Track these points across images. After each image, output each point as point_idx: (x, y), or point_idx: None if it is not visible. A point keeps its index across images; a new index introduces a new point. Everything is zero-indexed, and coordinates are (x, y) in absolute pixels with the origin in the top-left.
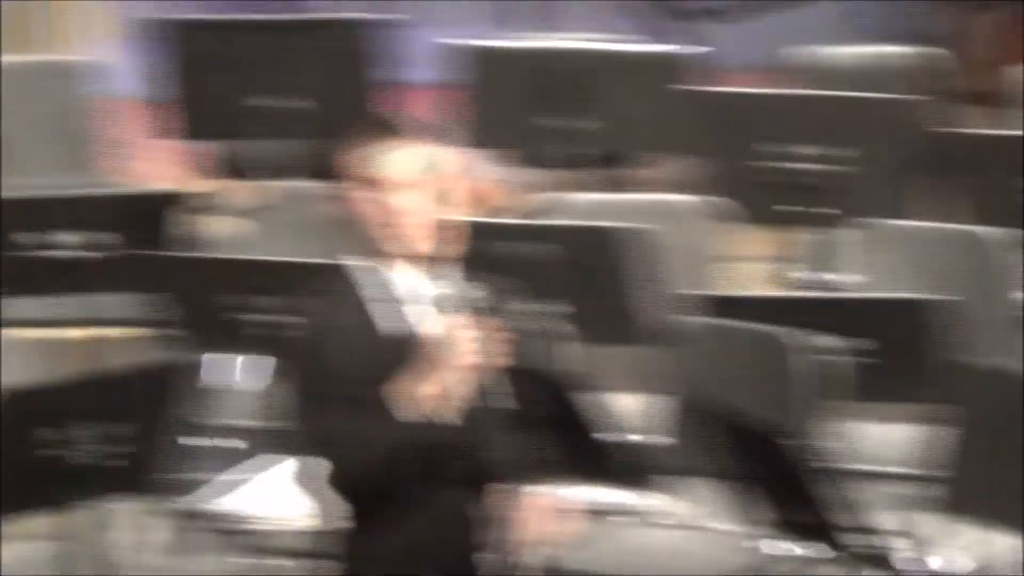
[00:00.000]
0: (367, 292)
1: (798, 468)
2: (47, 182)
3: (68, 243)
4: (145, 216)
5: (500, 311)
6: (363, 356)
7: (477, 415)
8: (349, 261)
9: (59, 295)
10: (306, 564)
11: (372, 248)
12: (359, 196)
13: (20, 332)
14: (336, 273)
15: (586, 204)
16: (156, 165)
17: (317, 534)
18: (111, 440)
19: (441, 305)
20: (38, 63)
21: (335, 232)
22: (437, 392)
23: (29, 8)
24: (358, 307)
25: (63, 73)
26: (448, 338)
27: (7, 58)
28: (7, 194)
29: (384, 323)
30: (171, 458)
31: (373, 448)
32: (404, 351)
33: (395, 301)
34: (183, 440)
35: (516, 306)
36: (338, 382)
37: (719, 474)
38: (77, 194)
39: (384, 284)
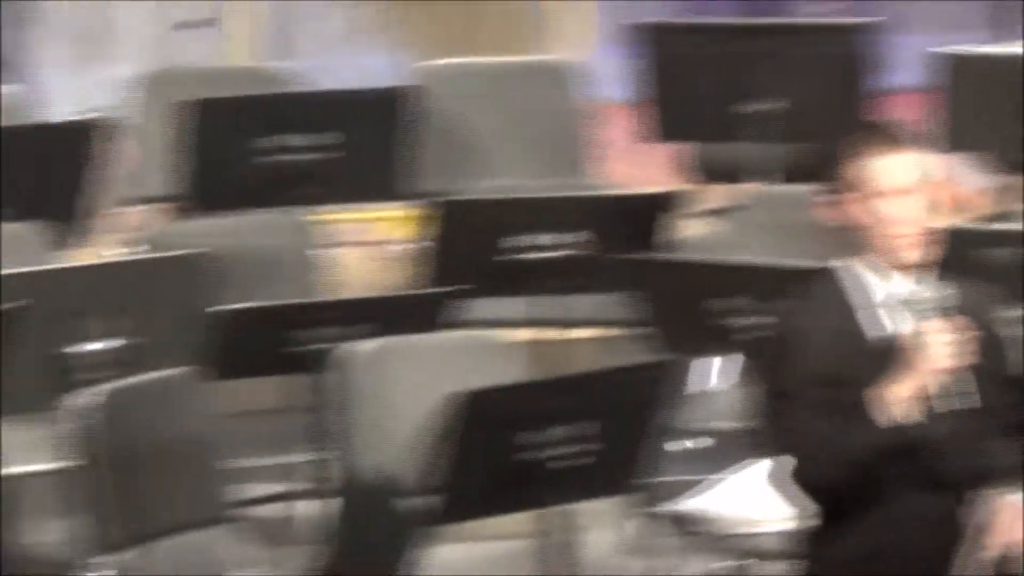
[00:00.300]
0: (849, 295)
1: None
2: (531, 184)
3: (551, 244)
4: (628, 218)
5: (972, 314)
6: (844, 359)
7: (947, 417)
8: (831, 264)
9: (541, 295)
10: (780, 566)
11: (853, 252)
12: (848, 202)
13: (502, 333)
14: (820, 276)
15: None
16: (636, 167)
17: (790, 535)
18: (587, 440)
19: (919, 309)
20: (527, 64)
21: (810, 235)
22: (912, 394)
23: (518, 9)
24: (842, 310)
25: (551, 75)
26: (925, 341)
27: (500, 60)
28: (494, 196)
29: (865, 326)
30: (647, 459)
31: (848, 450)
32: (884, 354)
33: (874, 305)
34: (660, 441)
35: (993, 310)
36: (819, 384)
37: None
38: (562, 195)
39: (864, 287)
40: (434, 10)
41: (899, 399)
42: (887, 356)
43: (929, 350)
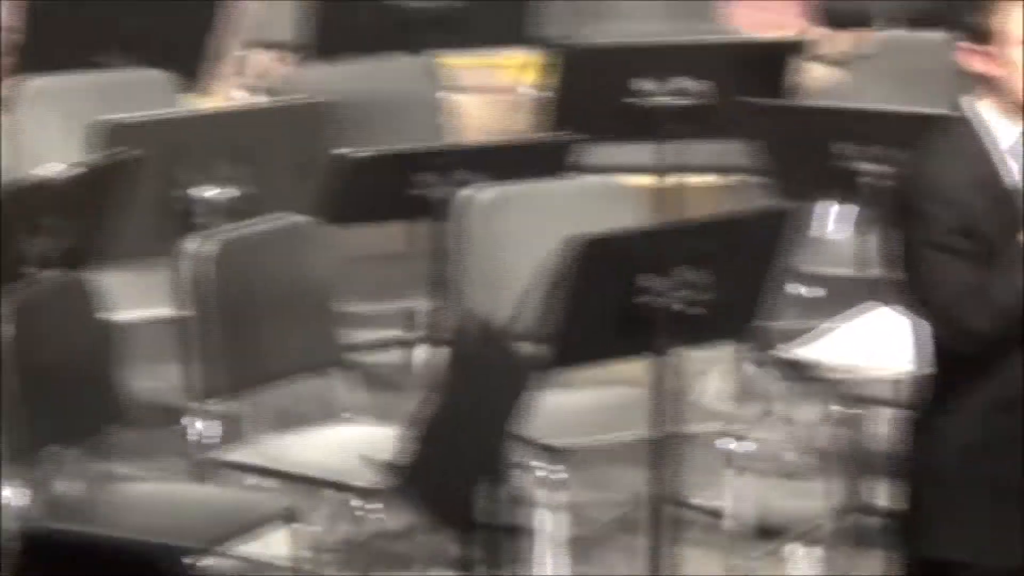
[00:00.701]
0: (984, 142)
1: None
2: (658, 29)
3: (675, 90)
4: (754, 64)
5: None
6: (985, 206)
7: None
8: (962, 110)
9: (665, 142)
10: (891, 413)
11: (984, 100)
12: (980, 49)
13: (624, 179)
14: (953, 123)
15: None
16: (764, 12)
17: (903, 383)
18: (703, 286)
19: None
20: None
21: (938, 82)
22: None
23: None
24: (978, 157)
25: None
26: None
27: None
28: (614, 42)
29: (1000, 172)
30: (763, 306)
31: (997, 298)
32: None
33: (1002, 151)
34: (776, 288)
35: None
36: (961, 232)
37: None
38: (686, 41)
39: (992, 133)
40: None
41: None
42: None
43: None
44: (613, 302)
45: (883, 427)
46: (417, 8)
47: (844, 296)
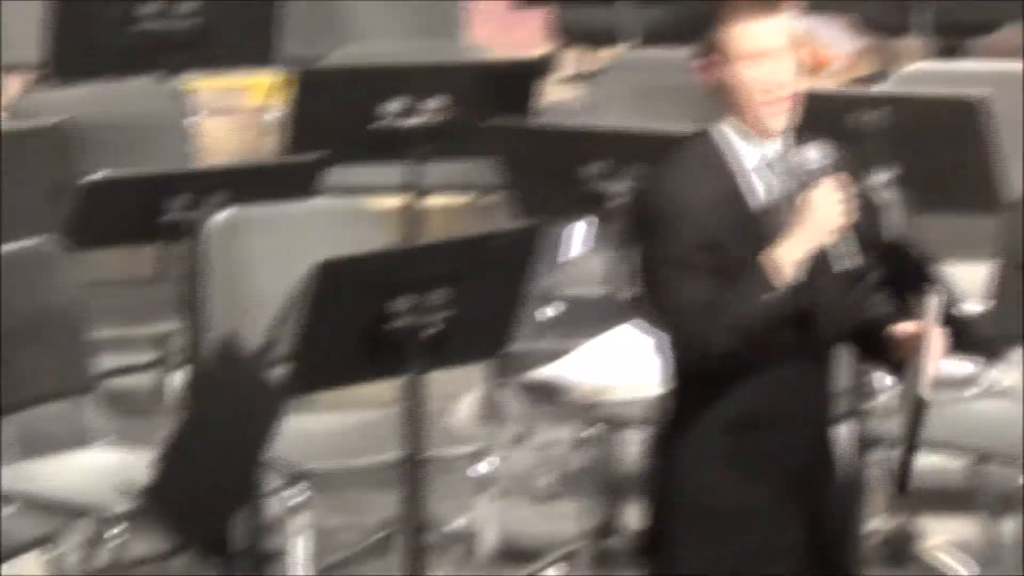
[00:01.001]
0: (725, 160)
1: None
2: (399, 48)
3: (414, 110)
4: (495, 83)
5: (851, 174)
6: (726, 224)
7: (837, 279)
8: (704, 129)
9: (406, 162)
10: (638, 433)
11: (722, 117)
12: (714, 65)
13: (368, 201)
14: (694, 141)
15: (922, 72)
16: (505, 30)
17: (648, 402)
18: (447, 307)
19: (803, 171)
20: None
21: (678, 100)
22: (803, 257)
23: None
24: (720, 175)
25: None
26: (810, 203)
27: None
28: (353, 64)
29: (744, 191)
30: (508, 327)
31: (737, 316)
32: (767, 219)
33: (747, 170)
34: (522, 309)
35: (853, 172)
36: (703, 250)
37: None
38: (425, 62)
39: (736, 152)
40: None
41: (789, 263)
42: (770, 221)
43: (819, 210)
44: (360, 324)
45: (633, 448)
46: (161, 30)
47: (592, 316)
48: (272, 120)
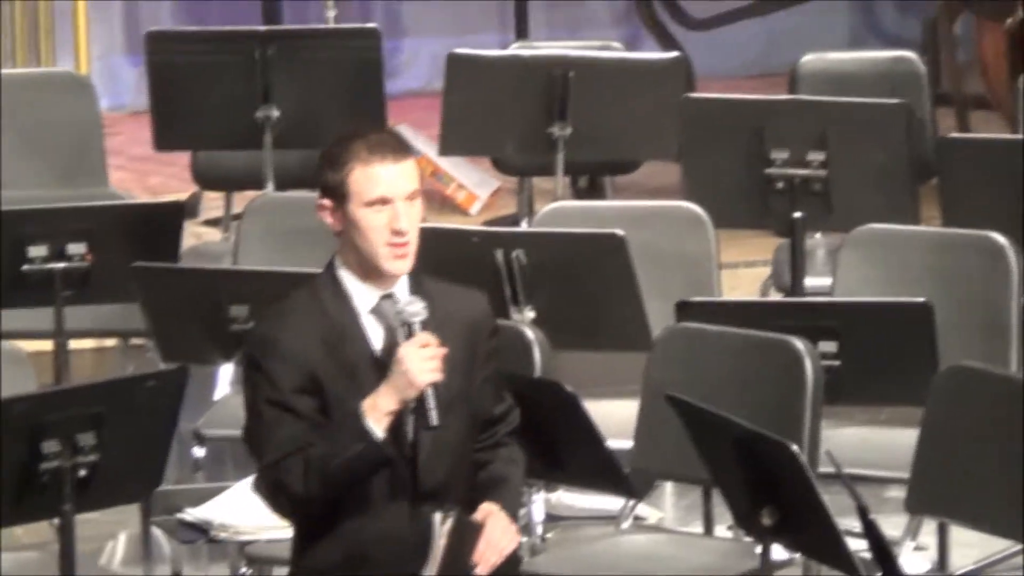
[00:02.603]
0: (334, 304)
1: (796, 472)
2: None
3: (55, 255)
4: (143, 226)
5: (446, 324)
6: (329, 368)
7: (428, 432)
8: (332, 271)
9: (45, 307)
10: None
11: (344, 259)
12: (333, 209)
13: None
14: (312, 283)
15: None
16: (148, 177)
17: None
18: (92, 450)
19: (402, 321)
20: (39, 75)
21: (308, 243)
22: (396, 408)
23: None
24: (325, 319)
25: (65, 84)
26: (401, 356)
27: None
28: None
29: (351, 336)
30: (156, 468)
31: (334, 462)
32: (371, 366)
33: (359, 314)
34: (169, 449)
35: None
36: (304, 392)
37: (698, 478)
38: (64, 206)
39: (349, 296)
40: None
41: (382, 413)
42: (373, 368)
43: (408, 364)
44: (10, 466)
45: None
46: None
47: (241, 456)
48: None
